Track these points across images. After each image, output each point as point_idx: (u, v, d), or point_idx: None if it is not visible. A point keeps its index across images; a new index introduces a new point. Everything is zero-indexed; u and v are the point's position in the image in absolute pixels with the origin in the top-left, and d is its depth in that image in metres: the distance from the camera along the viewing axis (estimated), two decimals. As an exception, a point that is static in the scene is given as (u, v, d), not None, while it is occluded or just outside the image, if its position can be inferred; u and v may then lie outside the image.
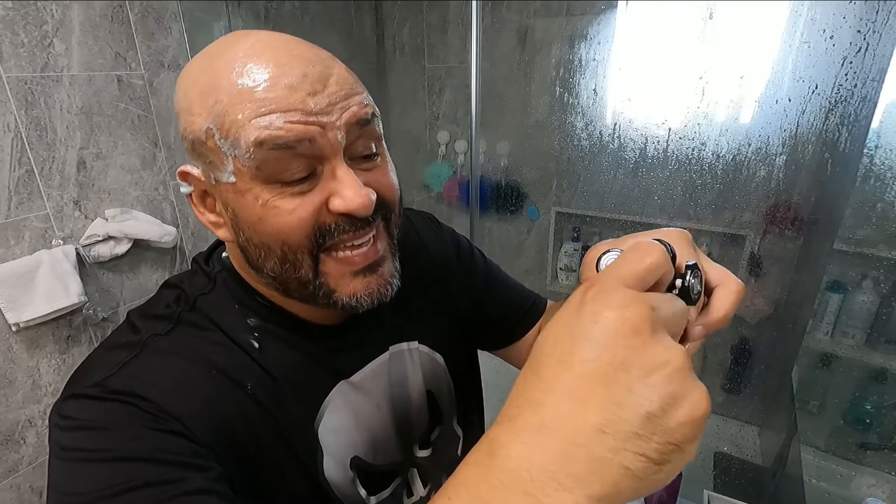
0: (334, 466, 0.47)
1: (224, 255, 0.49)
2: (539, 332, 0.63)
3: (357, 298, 0.42)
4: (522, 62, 1.66)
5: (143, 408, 0.37)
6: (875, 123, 1.07)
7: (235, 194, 0.39)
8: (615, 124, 1.54)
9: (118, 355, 0.40)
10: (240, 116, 0.36)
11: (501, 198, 1.84)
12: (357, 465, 0.50)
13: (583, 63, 1.53)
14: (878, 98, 1.05)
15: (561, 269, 1.84)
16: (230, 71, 0.37)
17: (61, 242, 1.03)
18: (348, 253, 0.41)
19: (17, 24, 0.93)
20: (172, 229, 1.19)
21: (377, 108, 0.42)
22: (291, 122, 0.36)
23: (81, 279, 1.04)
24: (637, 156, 1.53)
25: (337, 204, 0.39)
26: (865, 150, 1.09)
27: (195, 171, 0.41)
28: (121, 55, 1.09)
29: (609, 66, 1.50)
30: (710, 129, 1.40)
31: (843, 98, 1.20)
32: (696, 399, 0.21)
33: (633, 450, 0.20)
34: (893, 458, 1.27)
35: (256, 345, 0.45)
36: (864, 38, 1.13)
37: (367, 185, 0.40)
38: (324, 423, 0.47)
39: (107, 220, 1.10)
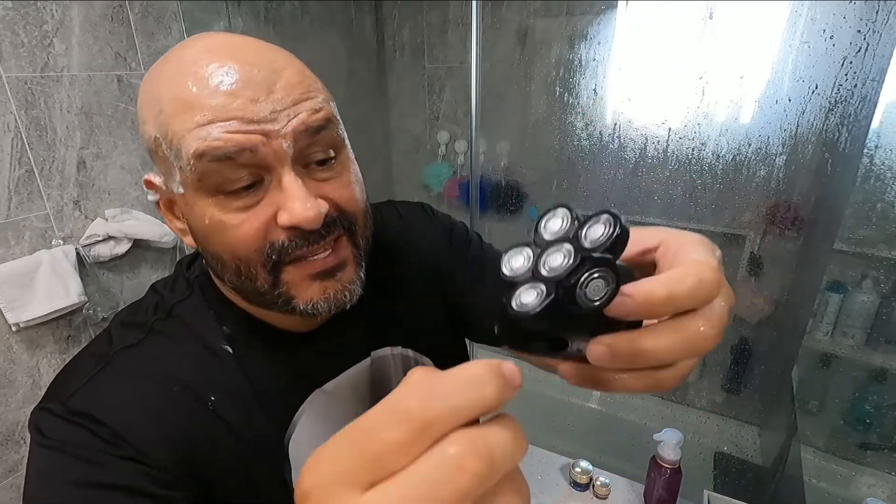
0: None
1: (204, 261, 0.48)
2: None
3: (314, 304, 0.40)
4: (522, 62, 1.66)
5: (99, 434, 0.37)
6: (875, 123, 1.07)
7: (186, 205, 0.38)
8: (615, 124, 1.54)
9: (87, 367, 0.41)
10: (181, 127, 0.35)
11: (501, 198, 1.84)
12: None
13: (583, 63, 1.54)
14: (878, 98, 1.05)
15: (561, 269, 1.84)
16: (173, 77, 0.36)
17: (61, 242, 1.03)
18: (306, 262, 0.40)
19: (17, 24, 0.93)
20: (172, 229, 1.20)
21: (336, 112, 0.40)
22: (230, 132, 0.34)
23: (81, 279, 1.04)
24: (637, 156, 1.54)
25: (283, 218, 0.37)
26: (865, 150, 1.09)
27: (157, 179, 0.40)
28: (121, 55, 1.09)
29: (609, 66, 1.50)
30: (710, 129, 1.40)
31: (843, 98, 1.21)
32: None
33: None
34: (893, 458, 1.27)
35: (230, 350, 0.44)
36: (864, 38, 1.13)
37: (321, 195, 0.38)
38: (295, 435, 0.45)
39: (107, 220, 1.10)
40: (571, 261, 0.21)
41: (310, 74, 0.39)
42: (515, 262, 0.23)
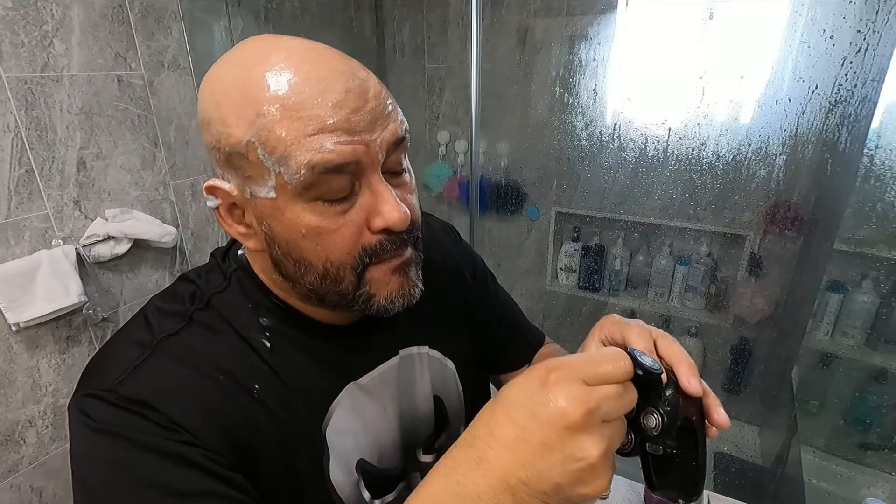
0: (339, 469, 0.48)
1: (241, 252, 0.49)
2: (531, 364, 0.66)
3: (392, 299, 0.43)
4: (522, 62, 1.66)
5: (155, 420, 0.38)
6: (875, 123, 1.07)
7: (274, 210, 0.39)
8: (615, 124, 1.54)
9: (131, 354, 0.41)
10: (287, 134, 0.36)
11: (501, 198, 1.84)
12: (363, 467, 0.50)
13: (583, 63, 1.54)
14: (878, 98, 1.05)
15: (561, 269, 1.84)
16: (270, 83, 0.36)
17: (61, 242, 1.03)
18: (387, 261, 0.42)
19: (17, 24, 0.93)
20: (172, 229, 1.19)
21: (407, 122, 0.42)
22: (340, 144, 0.36)
23: (81, 279, 1.04)
24: (637, 156, 1.54)
25: (378, 222, 0.39)
26: (865, 150, 1.09)
27: (225, 185, 0.41)
28: (121, 55, 1.09)
29: (609, 66, 1.50)
30: (710, 129, 1.40)
31: (843, 98, 1.20)
32: (595, 485, 0.29)
33: (541, 500, 0.29)
34: (893, 458, 1.27)
35: (268, 344, 0.45)
36: (864, 38, 1.13)
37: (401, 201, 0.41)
38: (332, 425, 0.47)
39: (107, 220, 1.10)
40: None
41: (382, 82, 0.42)
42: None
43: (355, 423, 0.49)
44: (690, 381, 0.36)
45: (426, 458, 0.57)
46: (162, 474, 0.37)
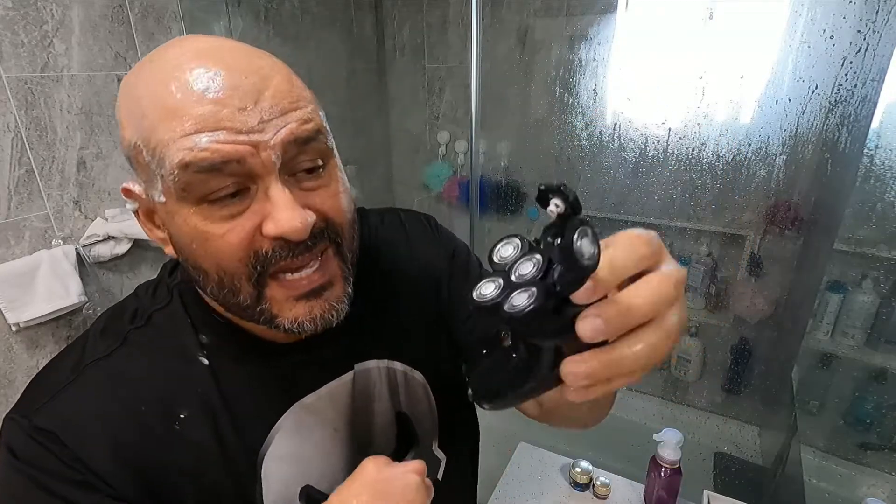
0: (276, 499, 0.44)
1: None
2: None
3: (299, 324, 0.39)
4: (522, 62, 1.66)
5: (60, 455, 0.37)
6: (875, 123, 1.07)
7: (167, 214, 0.37)
8: (615, 124, 1.54)
9: (58, 377, 0.41)
10: (165, 135, 0.33)
11: (501, 198, 1.84)
12: (308, 494, 0.46)
13: (583, 63, 1.54)
14: (878, 98, 1.05)
15: (561, 269, 1.84)
16: (156, 81, 0.34)
17: (61, 242, 1.03)
18: (293, 276, 0.38)
19: (17, 24, 0.93)
20: (172, 229, 1.19)
21: (325, 123, 0.39)
22: (218, 142, 0.33)
23: (81, 279, 1.04)
24: (637, 156, 1.54)
25: (269, 228, 0.35)
26: (865, 150, 1.09)
27: (137, 187, 0.38)
28: (121, 55, 1.09)
29: (609, 66, 1.50)
30: (710, 129, 1.40)
31: (843, 98, 1.21)
32: None
33: None
34: (893, 458, 1.27)
35: (206, 362, 0.43)
36: (864, 38, 1.13)
37: (308, 205, 0.37)
38: (271, 450, 0.44)
39: (107, 220, 1.10)
40: (559, 230, 0.23)
41: (298, 82, 0.38)
42: (486, 288, 0.24)
43: (300, 447, 0.45)
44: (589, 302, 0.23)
45: None
46: None
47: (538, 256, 0.23)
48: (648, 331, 0.24)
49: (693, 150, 1.44)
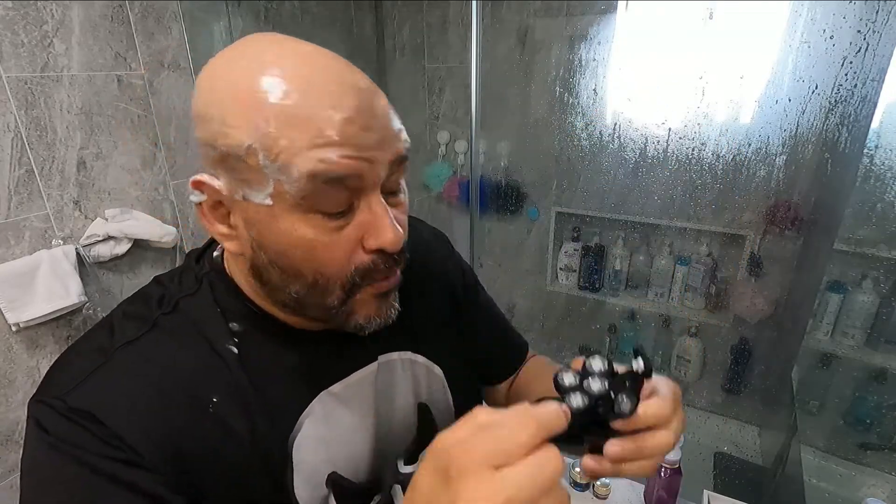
0: (305, 484, 0.45)
1: (216, 254, 0.48)
2: (516, 377, 0.68)
3: (370, 319, 0.43)
4: (522, 62, 1.66)
5: (98, 434, 0.37)
6: (875, 123, 1.07)
7: (269, 217, 0.38)
8: (615, 124, 1.54)
9: (87, 361, 0.41)
10: (292, 143, 0.35)
11: (501, 198, 1.84)
12: (334, 481, 0.47)
13: (583, 63, 1.54)
14: (878, 98, 1.05)
15: (561, 269, 1.84)
16: (279, 90, 0.35)
17: (61, 242, 1.03)
18: (375, 284, 0.42)
19: (17, 24, 0.93)
20: (172, 229, 1.19)
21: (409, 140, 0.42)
22: (346, 158, 0.36)
23: (81, 279, 1.04)
24: (637, 156, 1.54)
25: (372, 243, 0.39)
26: (865, 150, 1.09)
27: (215, 182, 0.39)
28: (121, 55, 1.09)
29: (609, 66, 1.50)
30: (710, 129, 1.40)
31: (843, 98, 1.21)
32: None
33: None
34: (893, 458, 1.27)
35: (236, 351, 0.44)
36: (864, 38, 1.13)
37: (395, 220, 0.40)
38: (300, 436, 0.45)
39: (107, 220, 1.10)
40: (608, 386, 0.33)
41: (384, 96, 0.41)
42: (566, 377, 0.34)
43: (327, 434, 0.47)
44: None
45: (407, 469, 0.54)
46: (95, 495, 0.36)
47: (605, 382, 0.33)
48: (658, 434, 0.34)
49: (693, 150, 1.44)
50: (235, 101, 0.36)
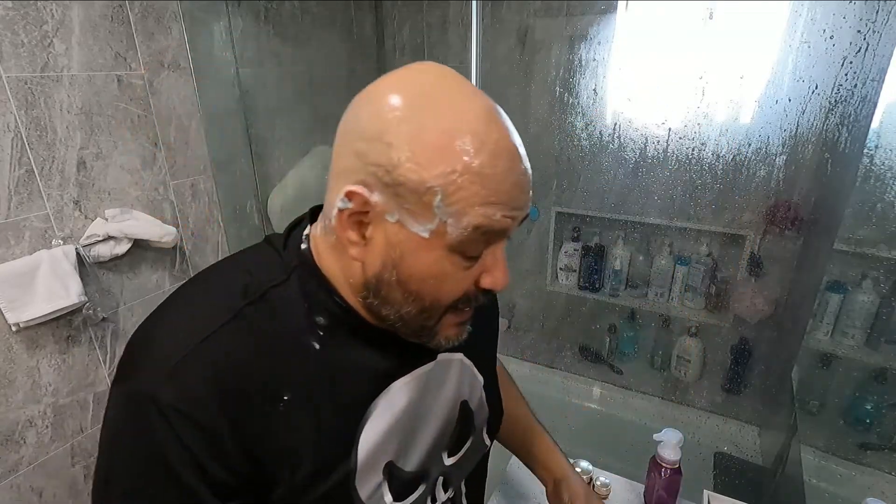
0: (364, 473, 0.48)
1: (303, 246, 0.49)
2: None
3: (448, 340, 0.48)
4: (522, 62, 1.66)
5: (193, 430, 0.40)
6: (875, 123, 1.07)
7: (419, 246, 0.41)
8: (615, 124, 1.54)
9: (173, 347, 0.42)
10: (470, 196, 0.39)
11: (501, 198, 1.84)
12: (390, 471, 0.51)
13: (583, 63, 1.54)
14: (878, 98, 1.05)
15: (561, 269, 1.84)
16: (472, 150, 0.39)
17: (61, 242, 1.03)
18: (466, 310, 0.47)
19: (17, 24, 0.93)
20: (172, 229, 1.19)
21: None
22: (505, 217, 0.41)
23: (81, 279, 1.04)
24: (637, 156, 1.54)
25: (487, 282, 0.44)
26: (865, 150, 1.09)
27: (373, 197, 0.41)
28: (121, 55, 1.09)
29: (609, 66, 1.50)
30: (710, 129, 1.40)
31: (843, 98, 1.21)
32: None
33: None
34: (893, 458, 1.28)
35: (318, 346, 0.46)
36: (864, 38, 1.13)
37: None
38: (367, 427, 0.48)
39: (107, 220, 1.10)
40: None
41: None
42: None
43: (387, 426, 0.50)
44: None
45: (450, 461, 0.58)
46: (171, 482, 0.40)
47: None
48: None
49: (693, 150, 1.44)
50: (429, 145, 0.39)
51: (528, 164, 0.43)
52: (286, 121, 1.55)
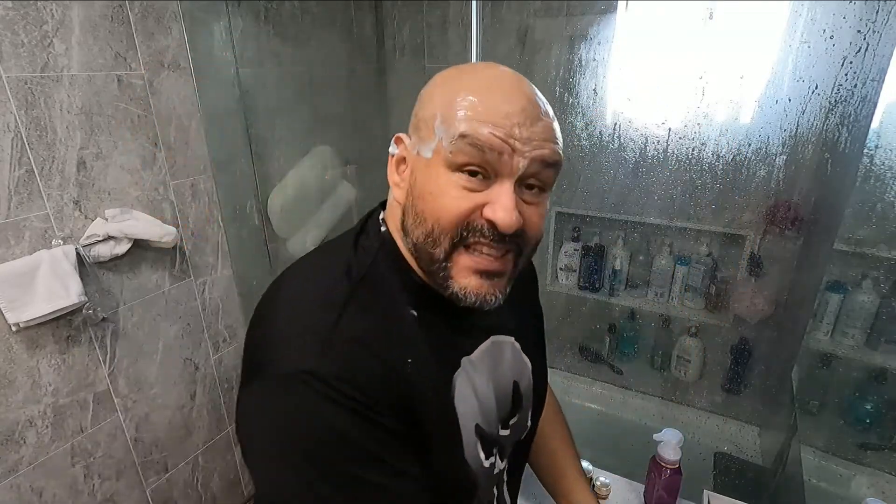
0: (465, 434, 0.53)
1: (383, 229, 0.54)
2: None
3: (465, 293, 0.48)
4: (522, 62, 1.66)
5: (359, 399, 0.43)
6: (875, 123, 1.07)
7: (425, 166, 0.48)
8: (615, 124, 1.54)
9: (311, 331, 0.46)
10: (462, 115, 0.45)
11: (501, 198, 1.84)
12: (479, 432, 0.56)
13: (583, 63, 1.54)
14: (878, 98, 1.05)
15: (561, 269, 1.84)
16: (473, 87, 0.47)
17: (61, 242, 1.03)
18: (480, 255, 0.48)
19: (17, 24, 0.93)
20: (172, 229, 1.19)
21: (562, 164, 0.49)
22: (493, 135, 0.44)
23: (81, 279, 1.04)
24: (637, 156, 1.54)
25: (488, 212, 0.46)
26: (865, 150, 1.09)
27: (408, 140, 0.51)
28: (121, 55, 1.09)
29: (609, 66, 1.50)
30: (710, 129, 1.40)
31: (843, 98, 1.21)
32: None
33: None
34: (893, 458, 1.28)
35: (415, 313, 0.51)
36: (864, 38, 1.13)
37: (521, 213, 0.46)
38: (456, 394, 0.53)
39: (107, 220, 1.10)
40: None
41: (560, 132, 0.49)
42: None
43: (470, 392, 0.55)
44: None
45: (503, 432, 0.62)
46: (367, 448, 0.43)
47: None
48: None
49: (693, 150, 1.44)
50: (445, 89, 0.48)
51: (539, 113, 0.46)
52: (286, 121, 1.55)
